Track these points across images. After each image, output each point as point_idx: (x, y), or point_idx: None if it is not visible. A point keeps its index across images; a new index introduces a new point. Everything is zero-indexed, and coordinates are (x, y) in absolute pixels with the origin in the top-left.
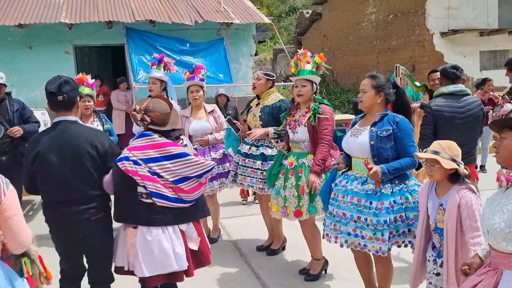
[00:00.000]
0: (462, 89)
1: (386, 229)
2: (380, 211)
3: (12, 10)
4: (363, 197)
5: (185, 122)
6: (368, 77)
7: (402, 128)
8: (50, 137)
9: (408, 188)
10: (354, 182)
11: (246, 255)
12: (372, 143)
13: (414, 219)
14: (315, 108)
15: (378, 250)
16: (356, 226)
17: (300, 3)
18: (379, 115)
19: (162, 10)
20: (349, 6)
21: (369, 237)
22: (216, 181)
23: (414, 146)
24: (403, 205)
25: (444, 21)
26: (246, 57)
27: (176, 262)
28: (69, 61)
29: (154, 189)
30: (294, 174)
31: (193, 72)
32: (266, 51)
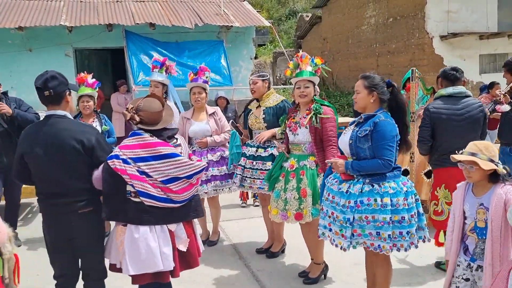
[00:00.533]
0: (461, 91)
1: (348, 227)
2: (346, 209)
3: (12, 13)
4: (337, 194)
5: (186, 124)
6: (361, 77)
7: (378, 129)
8: (40, 132)
9: (380, 190)
10: (333, 180)
11: (245, 258)
12: (350, 142)
13: (383, 222)
14: (317, 108)
15: (341, 246)
16: (330, 221)
17: (300, 7)
18: (364, 115)
19: (162, 13)
20: (349, 9)
21: (336, 232)
22: (210, 183)
23: (389, 149)
24: (369, 206)
25: (443, 24)
26: (246, 60)
27: (163, 261)
28: (69, 64)
29: (141, 188)
30: (295, 176)
31: (197, 73)
32: (266, 54)
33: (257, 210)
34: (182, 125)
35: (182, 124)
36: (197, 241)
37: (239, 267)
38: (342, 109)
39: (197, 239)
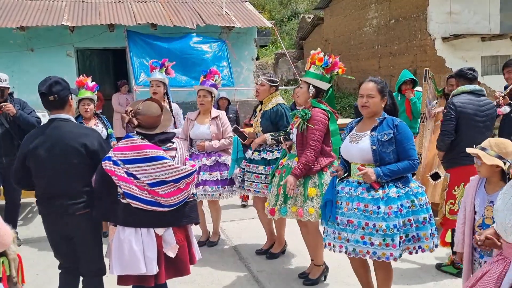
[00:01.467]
0: (481, 89)
1: (396, 234)
2: (388, 216)
3: (14, 13)
4: (370, 202)
5: (189, 125)
6: (372, 81)
7: (402, 131)
8: (44, 134)
9: (412, 191)
10: (359, 188)
11: (245, 259)
12: (374, 148)
13: (424, 222)
14: (303, 115)
15: (388, 257)
16: (365, 233)
17: (302, 8)
18: (378, 119)
19: (164, 14)
20: (351, 11)
21: (379, 243)
22: (199, 188)
23: (414, 149)
24: (410, 209)
25: (445, 26)
26: (248, 61)
27: (146, 265)
28: (71, 64)
29: (127, 190)
30: (280, 173)
31: (206, 76)
32: (268, 56)
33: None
34: (186, 126)
35: (187, 124)
36: (193, 248)
37: (239, 268)
38: (344, 110)
39: (193, 246)
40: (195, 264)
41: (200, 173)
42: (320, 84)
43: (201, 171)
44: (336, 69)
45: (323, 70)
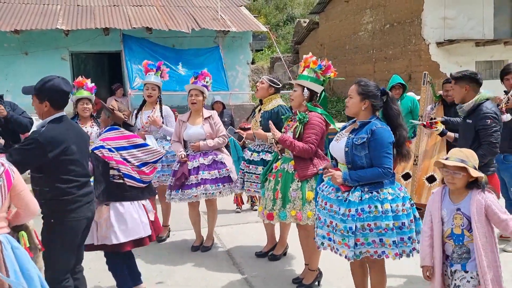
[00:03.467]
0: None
1: (351, 236)
2: (347, 218)
3: (8, 16)
4: (335, 202)
5: (181, 127)
6: (355, 83)
7: (376, 137)
8: (69, 130)
9: (379, 197)
10: (329, 188)
11: (239, 263)
12: (346, 149)
13: (386, 228)
14: (300, 118)
15: (346, 255)
16: (329, 231)
17: (298, 13)
18: (359, 122)
19: (159, 18)
20: (346, 15)
21: (339, 242)
22: (200, 187)
23: (388, 157)
24: (371, 214)
25: (440, 31)
26: (243, 65)
27: (144, 229)
28: (65, 68)
29: (126, 171)
30: (275, 177)
31: (197, 77)
32: (264, 60)
33: (252, 215)
34: (179, 128)
35: (179, 126)
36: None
37: (232, 273)
38: (339, 114)
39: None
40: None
41: (200, 173)
42: (314, 86)
43: (200, 170)
44: (329, 73)
45: (317, 73)
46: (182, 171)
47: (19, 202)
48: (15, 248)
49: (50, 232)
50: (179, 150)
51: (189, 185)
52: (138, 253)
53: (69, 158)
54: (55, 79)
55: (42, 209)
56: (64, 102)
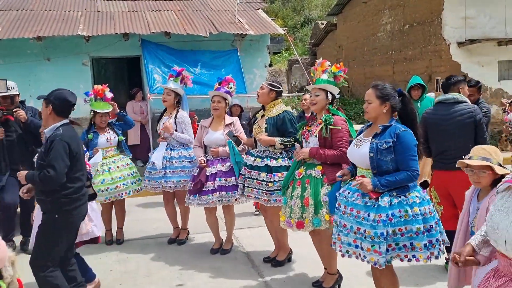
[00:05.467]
0: (448, 97)
1: (383, 242)
2: (377, 224)
3: (31, 23)
4: (362, 208)
5: (203, 132)
6: (372, 87)
7: (402, 141)
8: (77, 135)
9: (408, 200)
10: (355, 194)
11: (259, 266)
12: (371, 155)
13: (417, 232)
14: (326, 119)
15: (376, 262)
16: (356, 237)
17: (316, 14)
18: (381, 126)
19: (178, 22)
20: (364, 17)
21: (368, 249)
22: (216, 193)
23: (415, 160)
24: (402, 218)
25: (461, 30)
26: (261, 68)
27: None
28: (86, 73)
29: (91, 172)
30: (301, 184)
31: (221, 83)
32: (281, 62)
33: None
34: (200, 133)
35: (200, 131)
36: None
37: (252, 276)
38: (358, 116)
39: None
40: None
41: (216, 179)
42: (334, 90)
43: (217, 177)
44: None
45: (337, 77)
46: (200, 178)
47: None
48: None
49: (52, 226)
50: (199, 156)
51: (206, 191)
52: (159, 255)
53: (79, 159)
54: (64, 90)
55: (46, 205)
56: (67, 111)
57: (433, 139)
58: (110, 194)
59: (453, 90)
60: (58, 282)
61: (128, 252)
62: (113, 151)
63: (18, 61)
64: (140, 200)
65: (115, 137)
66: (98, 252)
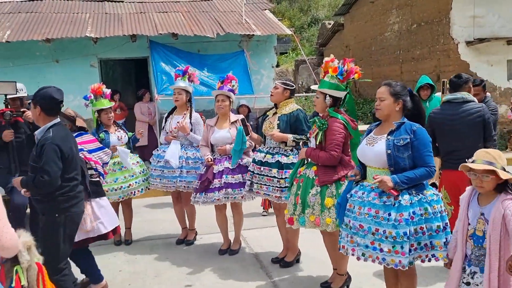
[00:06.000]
0: (457, 97)
1: (406, 242)
2: (399, 223)
3: (40, 26)
4: (381, 208)
5: (209, 131)
6: (384, 85)
7: (419, 137)
8: (68, 134)
9: (426, 198)
10: (371, 193)
11: (267, 267)
12: (389, 152)
13: (437, 230)
14: (320, 125)
15: (397, 264)
16: (374, 239)
17: (323, 14)
18: (395, 123)
19: (185, 23)
20: (372, 16)
21: (388, 250)
22: (222, 191)
23: (431, 156)
24: (422, 216)
25: (469, 29)
26: (268, 69)
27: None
28: (94, 74)
29: (101, 170)
30: (297, 182)
31: (223, 82)
32: (288, 63)
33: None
34: (206, 132)
35: (206, 131)
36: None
37: (260, 276)
38: (365, 116)
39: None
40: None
41: (223, 176)
42: (336, 93)
43: (224, 174)
44: (352, 76)
45: (338, 79)
46: (207, 175)
47: None
48: None
49: (54, 226)
50: (206, 154)
51: (212, 188)
52: (167, 256)
53: (72, 159)
54: (49, 88)
55: (44, 206)
56: (56, 109)
57: (441, 139)
58: (123, 193)
59: (463, 89)
60: (68, 286)
61: (136, 253)
62: None
63: (27, 63)
64: (147, 201)
65: (125, 136)
66: (107, 253)
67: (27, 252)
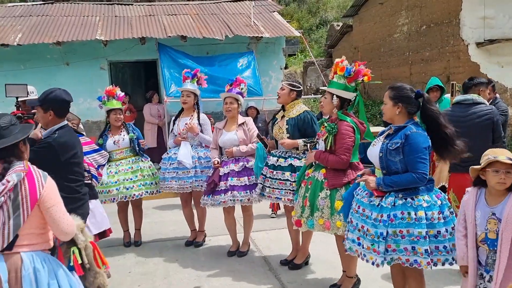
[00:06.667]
0: (467, 98)
1: (381, 242)
2: (379, 223)
3: (51, 29)
4: (367, 207)
5: (218, 134)
6: (388, 88)
7: (410, 142)
8: (74, 136)
9: (413, 203)
10: (363, 192)
11: (275, 269)
12: (380, 155)
13: (418, 236)
14: (329, 130)
15: (374, 262)
16: (360, 235)
17: (331, 16)
18: (393, 127)
19: (194, 26)
20: (381, 18)
21: (367, 247)
22: (228, 193)
23: (422, 162)
24: (404, 220)
25: (479, 31)
26: (276, 70)
27: (107, 221)
28: (104, 77)
29: (94, 172)
30: (305, 184)
31: (232, 84)
32: (296, 64)
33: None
34: (216, 135)
35: (216, 134)
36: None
37: (269, 278)
38: (374, 118)
39: None
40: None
41: (229, 179)
42: (344, 94)
43: (229, 176)
44: (360, 77)
45: (346, 79)
46: (213, 178)
47: (48, 219)
48: (37, 270)
49: None
50: (213, 157)
51: (218, 190)
52: (177, 257)
53: (76, 161)
54: (56, 90)
55: None
56: (66, 110)
57: None
58: (128, 193)
59: (473, 91)
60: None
61: (146, 254)
62: (124, 153)
63: (38, 65)
64: (156, 202)
65: (124, 139)
66: (117, 254)
67: (81, 233)
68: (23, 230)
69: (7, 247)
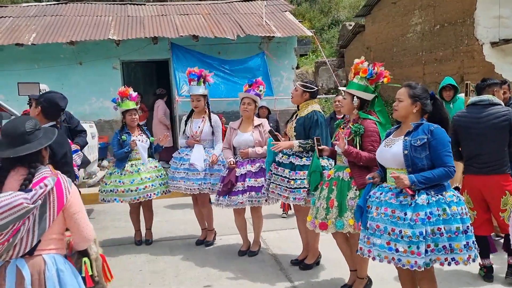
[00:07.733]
0: (483, 99)
1: (422, 242)
2: (415, 223)
3: (64, 29)
4: (398, 208)
5: (232, 134)
6: (405, 86)
7: (437, 137)
8: (65, 137)
9: (445, 199)
10: (388, 193)
11: (286, 269)
12: (406, 152)
13: (456, 232)
14: (355, 130)
15: (413, 265)
16: (390, 239)
17: (343, 16)
18: (413, 124)
19: (206, 26)
20: (394, 17)
21: (404, 250)
22: (246, 194)
23: (450, 156)
24: (440, 217)
25: (494, 30)
26: (288, 70)
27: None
28: (116, 76)
29: (77, 173)
30: (328, 186)
31: (251, 85)
32: (308, 64)
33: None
34: (230, 135)
35: (230, 133)
36: None
37: (279, 278)
38: None
39: None
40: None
41: (246, 180)
42: (364, 95)
43: (247, 177)
44: (381, 79)
45: (368, 81)
46: (229, 178)
47: (71, 225)
48: (60, 271)
49: None
50: (228, 157)
51: (235, 191)
52: (187, 256)
53: (67, 161)
54: (56, 93)
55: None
56: (56, 114)
57: (465, 142)
58: (138, 194)
59: (487, 92)
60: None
61: (156, 253)
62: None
63: (51, 65)
64: (167, 202)
65: (146, 140)
66: (128, 253)
67: (95, 244)
68: (45, 236)
69: (29, 252)
